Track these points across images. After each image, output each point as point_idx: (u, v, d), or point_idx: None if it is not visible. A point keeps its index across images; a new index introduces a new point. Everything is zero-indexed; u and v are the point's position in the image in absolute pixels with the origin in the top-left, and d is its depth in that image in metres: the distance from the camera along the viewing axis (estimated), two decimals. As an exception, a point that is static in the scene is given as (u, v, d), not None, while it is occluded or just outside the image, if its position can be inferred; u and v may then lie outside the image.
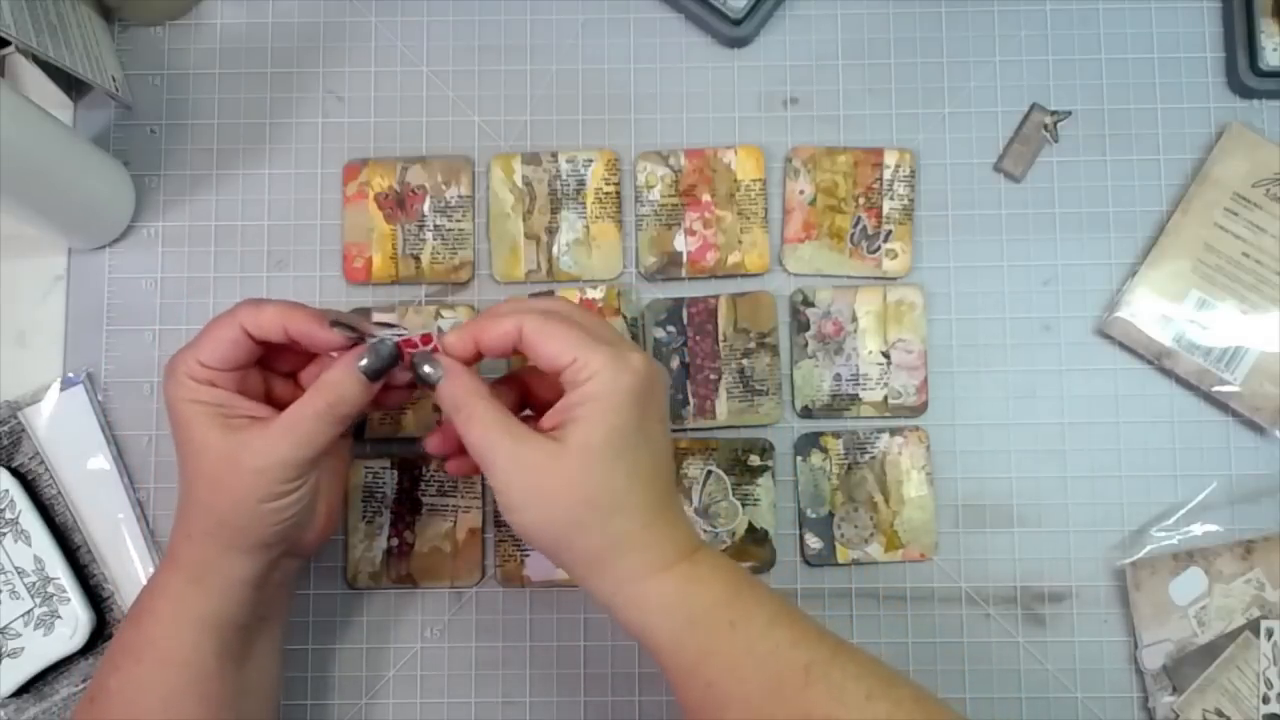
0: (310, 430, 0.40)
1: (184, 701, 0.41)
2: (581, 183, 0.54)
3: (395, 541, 0.52)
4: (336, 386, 0.41)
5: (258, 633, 0.45)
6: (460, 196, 0.54)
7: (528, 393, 0.46)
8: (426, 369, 0.41)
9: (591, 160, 0.54)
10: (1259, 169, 0.52)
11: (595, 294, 0.53)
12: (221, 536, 0.41)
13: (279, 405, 0.42)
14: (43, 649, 0.50)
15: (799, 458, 0.52)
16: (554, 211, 0.54)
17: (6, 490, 0.51)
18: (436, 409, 0.52)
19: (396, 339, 0.42)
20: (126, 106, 0.55)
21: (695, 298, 0.53)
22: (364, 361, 0.41)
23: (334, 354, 0.43)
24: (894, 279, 0.53)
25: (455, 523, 0.52)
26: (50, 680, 0.51)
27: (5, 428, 0.52)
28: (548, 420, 0.40)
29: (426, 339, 0.42)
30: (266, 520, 0.41)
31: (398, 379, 0.43)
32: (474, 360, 0.42)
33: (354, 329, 0.42)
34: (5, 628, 0.50)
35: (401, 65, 0.55)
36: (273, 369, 0.45)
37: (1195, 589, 0.50)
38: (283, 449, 0.40)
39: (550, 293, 0.53)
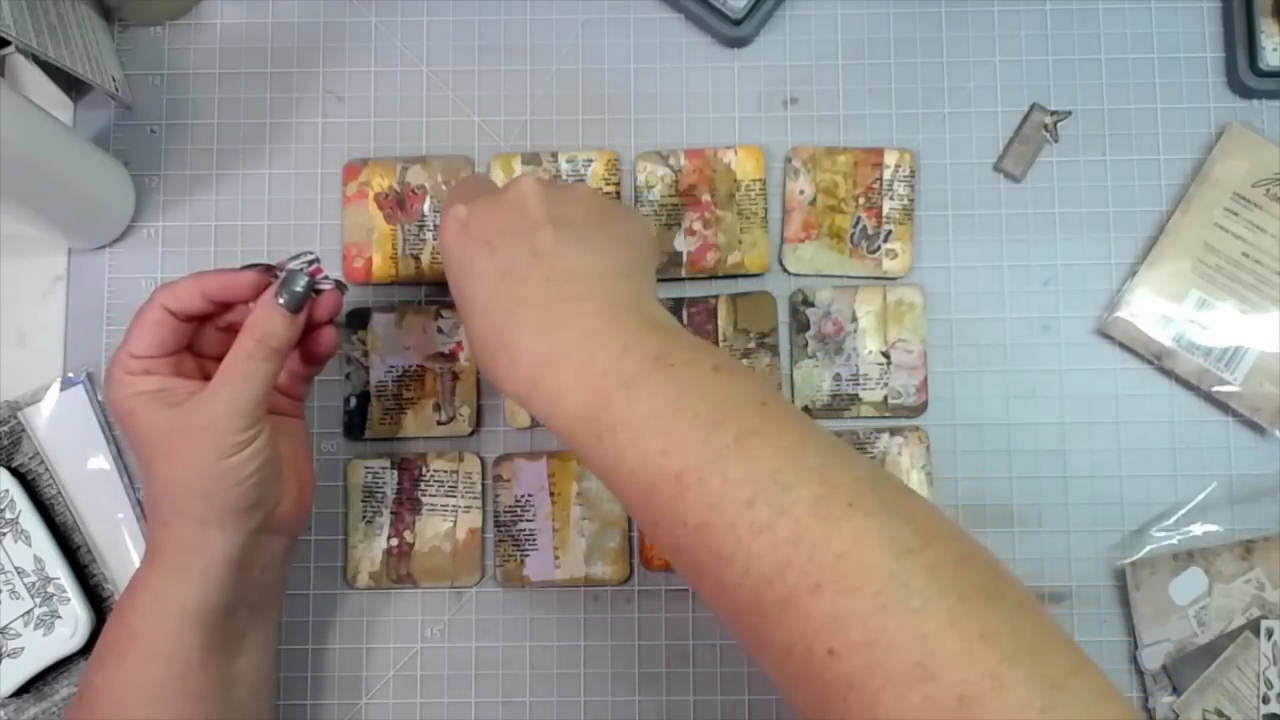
0: (245, 370, 0.41)
1: (170, 695, 0.41)
2: (581, 182, 0.54)
3: (395, 541, 0.52)
4: (260, 323, 0.41)
5: (247, 624, 0.44)
6: (460, 196, 0.54)
7: None
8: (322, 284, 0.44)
9: (591, 160, 0.54)
10: (1259, 169, 0.52)
11: (595, 294, 0.53)
12: (191, 511, 0.41)
13: None
14: (43, 649, 0.50)
15: (799, 458, 0.52)
16: (554, 211, 0.54)
17: (6, 490, 0.51)
18: (436, 408, 0.52)
19: (308, 268, 0.43)
20: (126, 106, 0.55)
21: (695, 298, 0.53)
22: (281, 297, 0.42)
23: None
24: (894, 279, 0.53)
25: (455, 523, 0.52)
26: (50, 680, 0.51)
27: (5, 428, 0.52)
28: None
29: (316, 270, 0.44)
30: (229, 479, 0.40)
31: (321, 312, 0.45)
32: None
33: (267, 265, 0.44)
34: (5, 628, 0.50)
35: (401, 65, 0.55)
36: (206, 356, 0.45)
37: (1195, 589, 0.50)
38: (224, 396, 0.40)
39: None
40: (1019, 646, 0.30)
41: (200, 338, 0.45)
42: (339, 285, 0.45)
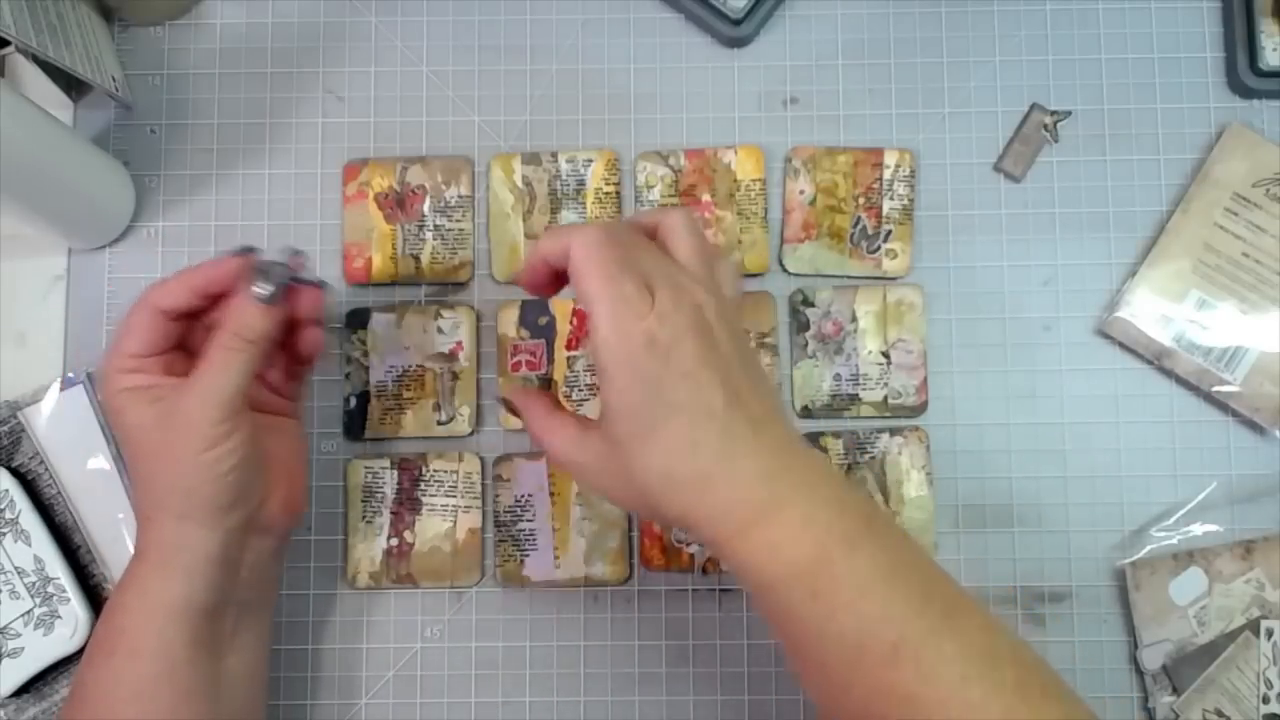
0: (221, 361, 0.41)
1: (156, 692, 0.41)
2: (581, 183, 0.54)
3: (395, 541, 0.52)
4: (235, 314, 0.42)
5: (236, 623, 0.44)
6: (460, 196, 0.54)
7: None
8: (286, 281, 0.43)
9: (591, 160, 0.54)
10: (1259, 169, 0.52)
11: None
12: (172, 507, 0.41)
13: None
14: (43, 649, 0.50)
15: (799, 458, 0.52)
16: (554, 211, 0.54)
17: (6, 490, 0.51)
18: (436, 408, 0.52)
19: (287, 260, 0.43)
20: (126, 106, 0.55)
21: (695, 298, 0.53)
22: (256, 287, 0.42)
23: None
24: (894, 279, 0.53)
25: (455, 523, 0.52)
26: (50, 680, 0.51)
27: (5, 428, 0.52)
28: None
29: (296, 263, 0.43)
30: (207, 474, 0.40)
31: (303, 309, 0.44)
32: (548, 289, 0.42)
33: (249, 248, 0.43)
34: (5, 628, 0.50)
35: (401, 65, 0.55)
36: (198, 354, 0.45)
37: (1195, 589, 0.50)
38: (199, 387, 0.40)
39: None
40: None
41: (193, 336, 0.45)
42: (320, 284, 0.44)
